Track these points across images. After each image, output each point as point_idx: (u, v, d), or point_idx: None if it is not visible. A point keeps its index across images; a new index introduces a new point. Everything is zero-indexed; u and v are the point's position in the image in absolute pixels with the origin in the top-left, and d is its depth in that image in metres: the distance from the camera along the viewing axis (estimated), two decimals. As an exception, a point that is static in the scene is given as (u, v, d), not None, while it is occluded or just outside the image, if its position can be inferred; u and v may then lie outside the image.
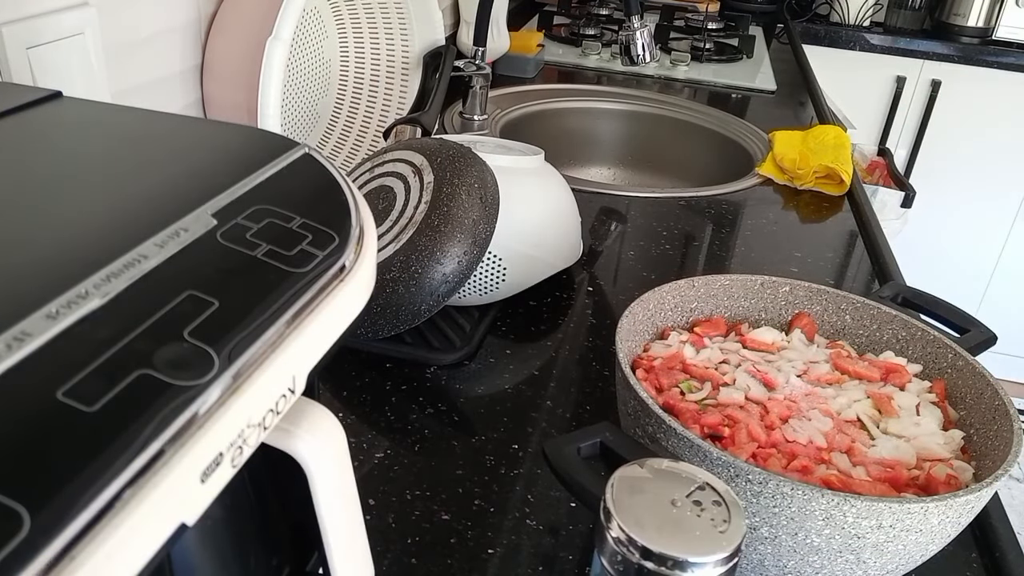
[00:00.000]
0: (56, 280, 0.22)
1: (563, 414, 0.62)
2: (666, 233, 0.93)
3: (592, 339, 0.72)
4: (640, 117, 1.39)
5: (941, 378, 0.55)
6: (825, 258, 0.91)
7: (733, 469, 0.42)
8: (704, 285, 0.60)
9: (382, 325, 0.63)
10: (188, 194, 0.28)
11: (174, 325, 0.22)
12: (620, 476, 0.35)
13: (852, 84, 2.21)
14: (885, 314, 0.58)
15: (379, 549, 0.48)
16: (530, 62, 1.45)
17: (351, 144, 1.02)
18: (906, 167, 2.26)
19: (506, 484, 0.54)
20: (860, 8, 2.23)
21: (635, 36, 1.10)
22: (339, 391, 0.62)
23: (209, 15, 0.78)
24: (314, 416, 0.30)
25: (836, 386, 0.53)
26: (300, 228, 0.28)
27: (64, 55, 0.57)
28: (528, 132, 1.31)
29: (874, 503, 0.40)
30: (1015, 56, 2.11)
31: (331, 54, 0.99)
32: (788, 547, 0.43)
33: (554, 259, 0.75)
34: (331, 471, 0.31)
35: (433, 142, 0.70)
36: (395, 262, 0.62)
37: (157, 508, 0.19)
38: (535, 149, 0.78)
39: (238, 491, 0.31)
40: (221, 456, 0.21)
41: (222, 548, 0.31)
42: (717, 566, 0.32)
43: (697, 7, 1.94)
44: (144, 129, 0.34)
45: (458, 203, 0.63)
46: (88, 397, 0.19)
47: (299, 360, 0.25)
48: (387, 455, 0.56)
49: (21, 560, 0.16)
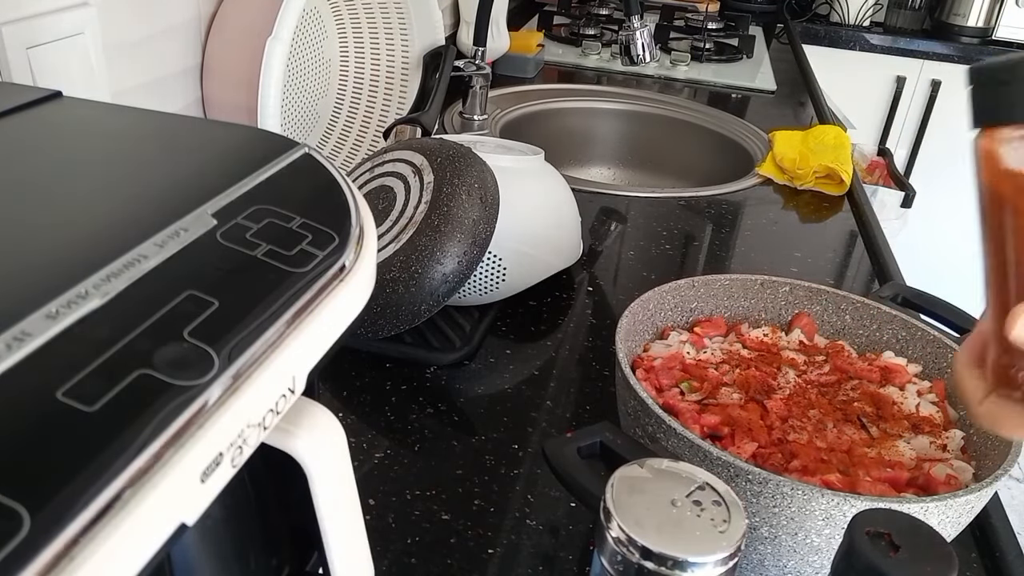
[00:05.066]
0: (56, 280, 0.22)
1: (563, 414, 0.62)
2: (666, 233, 0.93)
3: (592, 339, 0.72)
4: (640, 117, 1.39)
5: (941, 378, 0.55)
6: (825, 258, 0.91)
7: (733, 469, 0.42)
8: (704, 285, 0.60)
9: (382, 325, 0.63)
10: (188, 194, 0.28)
11: (174, 325, 0.22)
12: (620, 476, 0.35)
13: (852, 84, 2.21)
14: (885, 314, 0.58)
15: (379, 549, 0.48)
16: (530, 62, 1.45)
17: (351, 144, 1.02)
18: (906, 167, 2.26)
19: (506, 484, 0.54)
20: (860, 8, 2.23)
21: (635, 36, 1.10)
22: (339, 391, 0.62)
23: (209, 15, 0.78)
24: (314, 416, 0.30)
25: (836, 386, 0.53)
26: (300, 228, 0.28)
27: (64, 55, 0.57)
28: (528, 132, 1.31)
29: (874, 503, 0.40)
30: (1015, 56, 2.11)
31: (331, 54, 0.99)
32: (788, 547, 0.43)
33: (554, 259, 0.75)
34: (331, 471, 0.31)
35: (433, 142, 0.70)
36: (395, 262, 0.62)
37: (157, 508, 0.19)
38: (535, 149, 0.78)
39: (238, 491, 0.31)
40: (221, 456, 0.21)
41: (222, 548, 0.31)
42: (717, 566, 0.32)
43: (697, 7, 1.93)
44: (144, 129, 0.34)
45: (458, 203, 0.63)
46: (88, 397, 0.19)
47: (299, 360, 0.25)
48: (387, 455, 0.56)
49: (21, 560, 0.16)
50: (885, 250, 0.92)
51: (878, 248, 0.92)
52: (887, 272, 0.87)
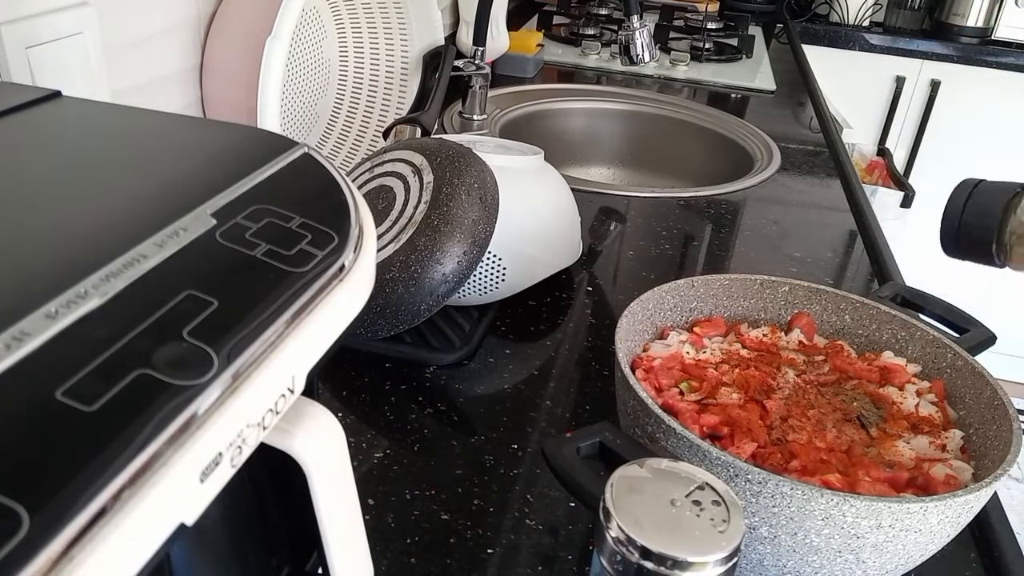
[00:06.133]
0: (55, 280, 0.22)
1: (563, 414, 0.62)
2: (665, 233, 0.93)
3: (592, 339, 0.72)
4: (640, 117, 1.39)
5: (940, 378, 0.55)
6: (824, 258, 0.91)
7: (732, 469, 0.42)
8: (704, 285, 0.60)
9: (382, 325, 0.63)
10: (187, 194, 0.28)
11: (173, 325, 0.22)
12: (619, 476, 0.35)
13: (852, 84, 2.21)
14: (884, 314, 0.58)
15: (379, 549, 0.48)
16: (529, 62, 1.45)
17: (351, 144, 1.02)
18: (905, 167, 2.26)
19: (505, 484, 0.54)
20: (860, 8, 2.23)
21: (634, 36, 1.10)
22: (339, 391, 0.62)
23: (208, 14, 0.78)
24: (313, 416, 0.30)
25: (835, 386, 0.53)
26: (299, 228, 0.28)
27: (63, 55, 0.57)
28: (528, 132, 1.31)
29: (873, 503, 0.40)
30: (1015, 56, 2.11)
31: (331, 54, 0.99)
32: (787, 547, 0.43)
33: (554, 259, 0.75)
34: (330, 471, 0.31)
35: (433, 142, 0.70)
36: (395, 262, 0.62)
37: (156, 508, 0.19)
38: (535, 149, 0.78)
39: (237, 491, 0.31)
40: (220, 456, 0.21)
41: (221, 548, 0.31)
42: (716, 566, 0.32)
43: (697, 7, 1.93)
44: (143, 129, 0.34)
45: (458, 203, 0.63)
46: (87, 397, 0.19)
47: (298, 360, 0.25)
48: (386, 455, 0.56)
49: (20, 560, 0.16)
50: (885, 250, 0.92)
51: (878, 248, 0.93)
52: (886, 272, 0.87)
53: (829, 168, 1.18)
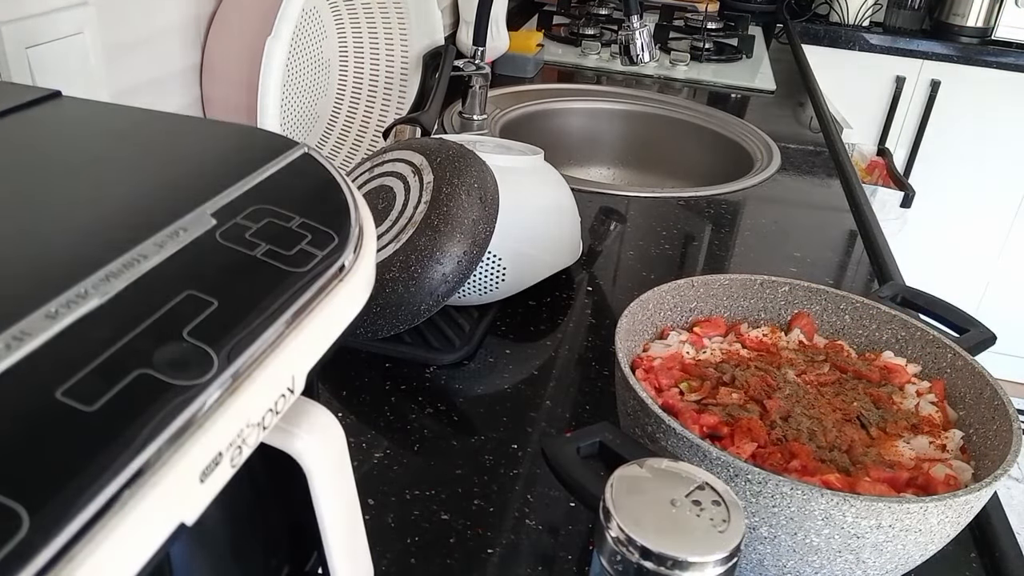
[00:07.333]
0: (55, 279, 0.22)
1: (562, 414, 0.62)
2: (665, 233, 0.93)
3: (592, 339, 0.72)
4: (640, 117, 1.39)
5: (940, 378, 0.55)
6: (824, 258, 0.91)
7: (732, 469, 0.42)
8: (704, 285, 0.60)
9: (382, 325, 0.63)
10: (187, 194, 0.28)
11: (173, 325, 0.22)
12: (619, 476, 0.35)
13: (852, 84, 2.21)
14: (884, 314, 0.58)
15: (379, 549, 0.48)
16: (529, 62, 1.45)
17: (351, 144, 1.02)
18: (905, 167, 2.27)
19: (505, 484, 0.54)
20: (859, 8, 2.23)
21: (634, 36, 1.10)
22: (339, 391, 0.62)
23: (208, 14, 0.78)
24: (313, 416, 0.30)
25: (835, 386, 0.53)
26: (299, 228, 0.28)
27: (63, 54, 0.57)
28: (528, 132, 1.31)
29: (873, 503, 0.40)
30: (1015, 56, 2.11)
31: (331, 54, 0.99)
32: (787, 547, 0.43)
33: (554, 259, 0.75)
34: (330, 471, 0.31)
35: (433, 142, 0.70)
36: (395, 262, 0.62)
37: (156, 508, 0.19)
38: (535, 149, 0.78)
39: (237, 491, 0.31)
40: (220, 456, 0.21)
41: (221, 548, 0.31)
42: (716, 566, 0.32)
43: (696, 7, 1.93)
44: (143, 128, 0.34)
45: (458, 203, 0.63)
46: (87, 397, 0.19)
47: (298, 360, 0.25)
48: (386, 455, 0.56)
49: (20, 560, 0.16)
50: (884, 250, 0.92)
51: (877, 248, 0.92)
52: (886, 272, 0.87)
53: (829, 168, 1.18)
